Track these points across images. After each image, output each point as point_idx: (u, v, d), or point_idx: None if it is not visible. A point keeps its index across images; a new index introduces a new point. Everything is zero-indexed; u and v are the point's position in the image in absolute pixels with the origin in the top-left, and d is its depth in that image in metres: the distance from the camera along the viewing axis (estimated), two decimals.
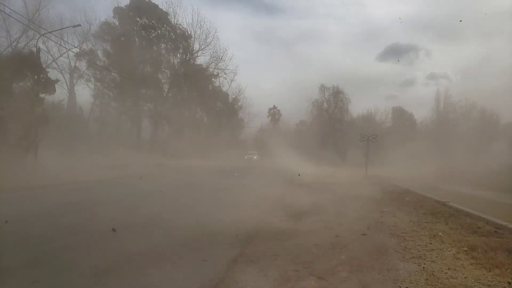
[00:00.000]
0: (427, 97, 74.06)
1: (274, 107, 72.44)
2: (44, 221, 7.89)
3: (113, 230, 7.02)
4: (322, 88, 54.63)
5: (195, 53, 51.14)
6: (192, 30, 49.67)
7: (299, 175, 20.48)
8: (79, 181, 17.06)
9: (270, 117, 73.55)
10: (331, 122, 53.66)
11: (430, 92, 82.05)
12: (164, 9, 48.47)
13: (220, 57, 50.97)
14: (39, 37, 27.86)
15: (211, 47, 50.10)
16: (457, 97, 51.41)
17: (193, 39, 50.11)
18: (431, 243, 6.20)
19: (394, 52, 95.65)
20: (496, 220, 7.50)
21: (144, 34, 47.66)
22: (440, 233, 6.82)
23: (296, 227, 7.46)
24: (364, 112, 57.37)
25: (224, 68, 51.96)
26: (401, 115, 57.11)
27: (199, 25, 49.06)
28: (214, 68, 52.58)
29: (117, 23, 47.07)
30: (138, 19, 48.20)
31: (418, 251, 5.80)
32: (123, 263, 5.20)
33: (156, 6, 47.77)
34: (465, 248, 5.86)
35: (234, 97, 58.87)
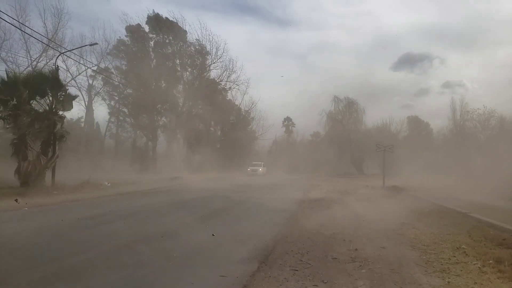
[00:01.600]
0: (443, 106, 72.84)
1: (288, 119, 72.40)
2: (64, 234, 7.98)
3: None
4: (336, 99, 54.59)
5: (207, 67, 51.87)
6: (205, 45, 50.52)
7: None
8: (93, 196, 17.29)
9: (284, 129, 73.46)
10: (346, 133, 53.26)
11: (446, 100, 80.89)
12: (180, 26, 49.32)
13: (231, 69, 51.57)
14: (58, 56, 28.68)
15: (222, 60, 50.77)
16: (474, 105, 50.35)
17: (209, 53, 50.91)
18: (454, 256, 6.00)
19: (408, 61, 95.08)
20: None
21: (159, 50, 48.65)
22: (463, 246, 6.60)
23: (313, 241, 7.34)
24: (379, 122, 56.73)
25: (235, 80, 52.48)
26: (417, 124, 56.30)
27: (208, 39, 49.85)
28: (226, 81, 53.14)
29: (130, 41, 48.22)
30: (153, 35, 49.26)
31: (442, 264, 5.62)
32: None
33: (172, 22, 48.65)
34: (491, 261, 5.65)
35: (247, 109, 59.16)
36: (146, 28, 48.52)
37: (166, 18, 48.84)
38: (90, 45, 36.06)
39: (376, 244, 6.97)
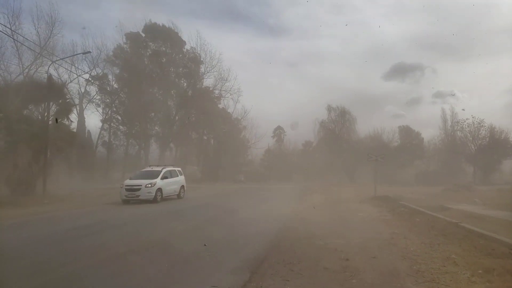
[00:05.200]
0: (434, 116, 73.84)
1: (279, 127, 72.34)
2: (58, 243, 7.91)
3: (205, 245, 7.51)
4: (329, 108, 54.83)
5: (201, 75, 51.97)
6: (198, 54, 50.70)
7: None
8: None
9: (275, 138, 73.39)
10: (338, 142, 53.49)
11: (437, 110, 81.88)
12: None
13: (225, 78, 51.71)
14: (50, 64, 28.56)
15: (216, 69, 50.90)
16: (464, 115, 50.89)
17: (203, 63, 51.03)
18: (444, 266, 6.06)
19: (400, 71, 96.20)
20: (510, 241, 7.32)
21: (155, 58, 48.65)
22: (453, 255, 6.67)
23: (305, 251, 7.35)
24: (371, 131, 57.09)
25: (229, 89, 52.55)
26: (408, 134, 56.66)
27: (203, 48, 50.05)
28: (220, 90, 53.22)
29: (128, 48, 48.14)
30: (151, 43, 49.25)
31: (432, 274, 5.67)
32: None
33: (170, 30, 48.72)
34: (480, 271, 5.71)
35: (239, 118, 59.17)
36: (144, 36, 48.53)
37: (163, 25, 48.90)
38: (83, 53, 36.02)
39: (367, 254, 7.01)
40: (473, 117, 46.68)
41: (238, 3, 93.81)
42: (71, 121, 24.38)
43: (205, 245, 7.85)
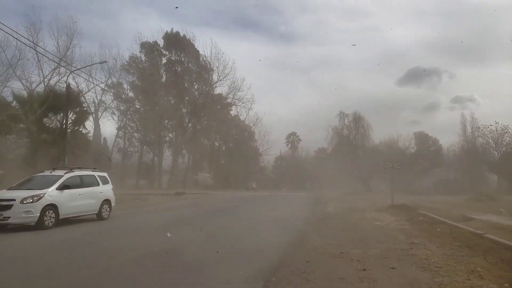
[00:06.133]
0: (453, 121, 72.18)
1: (293, 133, 71.84)
2: None
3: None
4: (342, 114, 54.29)
5: (214, 84, 52.33)
6: (211, 62, 51.15)
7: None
8: None
9: (289, 144, 72.87)
10: (353, 149, 52.68)
11: (456, 116, 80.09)
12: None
13: (238, 88, 51.87)
14: (68, 74, 29.26)
15: (229, 77, 51.19)
16: (485, 120, 49.04)
17: (213, 71, 51.46)
18: (469, 279, 5.71)
19: (416, 76, 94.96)
20: None
21: (170, 67, 49.38)
22: (478, 268, 6.30)
23: (320, 260, 7.10)
24: (386, 138, 56.09)
25: (242, 98, 52.69)
26: (425, 140, 55.55)
27: (217, 57, 50.46)
28: (232, 98, 53.44)
29: (143, 58, 49.01)
30: (166, 52, 50.01)
31: (455, 287, 5.35)
32: None
33: (186, 39, 49.36)
34: (507, 285, 5.38)
35: (251, 125, 59.18)
36: (161, 45, 49.30)
37: (184, 35, 49.58)
38: (100, 63, 36.94)
39: (385, 264, 6.71)
40: (496, 123, 45.05)
41: (250, 12, 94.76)
42: (87, 130, 24.92)
43: (218, 252, 7.70)
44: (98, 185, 13.70)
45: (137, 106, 49.53)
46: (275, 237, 9.95)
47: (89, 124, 42.64)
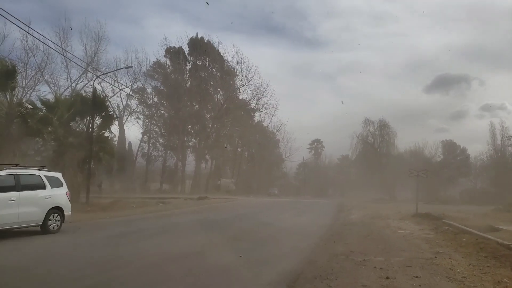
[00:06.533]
0: (482, 130, 70.16)
1: (317, 140, 71.43)
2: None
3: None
4: (367, 121, 53.54)
5: (237, 89, 52.70)
6: (234, 68, 51.58)
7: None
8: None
9: (312, 151, 72.54)
10: (377, 157, 51.82)
11: (485, 124, 77.46)
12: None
13: (262, 93, 52.04)
14: (95, 79, 30.21)
15: (252, 83, 51.40)
16: None
17: (239, 76, 51.80)
18: None
19: (444, 83, 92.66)
20: None
21: (195, 73, 50.02)
22: (505, 279, 6.18)
23: (342, 267, 7.12)
24: (412, 146, 54.98)
25: (265, 103, 52.81)
26: (452, 149, 54.14)
27: (240, 62, 50.80)
28: (256, 104, 53.64)
29: (168, 63, 49.83)
30: (191, 58, 50.71)
31: None
32: None
33: (212, 46, 49.92)
34: None
35: (275, 131, 59.18)
36: (186, 51, 49.98)
37: (208, 41, 50.08)
38: (126, 68, 37.96)
39: (409, 273, 6.67)
40: None
41: (275, 17, 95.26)
42: (113, 134, 25.57)
43: (240, 256, 7.83)
44: (45, 188, 10.75)
45: (162, 112, 50.39)
46: (297, 243, 10.00)
47: (114, 128, 43.94)
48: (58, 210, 10.98)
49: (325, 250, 8.99)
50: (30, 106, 20.52)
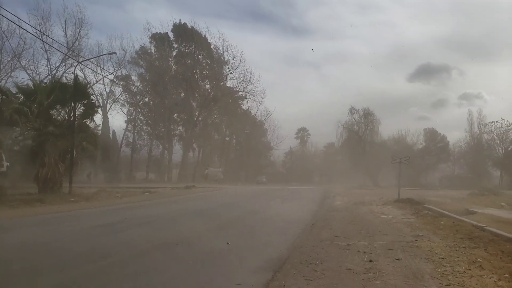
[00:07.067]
0: (460, 118, 71.96)
1: (303, 129, 71.98)
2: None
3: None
4: (352, 110, 54.10)
5: (224, 76, 52.26)
6: (222, 54, 51.01)
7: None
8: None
9: (299, 139, 73.07)
10: (361, 144, 52.62)
11: (463, 112, 79.61)
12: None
13: (248, 80, 51.80)
14: (76, 65, 29.47)
15: (238, 70, 51.03)
16: (492, 118, 49.42)
17: (226, 63, 51.23)
18: (470, 269, 5.94)
19: (426, 72, 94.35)
20: None
21: (180, 59, 49.18)
22: (479, 259, 6.53)
23: (327, 252, 7.36)
24: (395, 133, 56.08)
25: (252, 90, 52.64)
26: (433, 136, 55.39)
27: (226, 49, 50.26)
28: (243, 92, 53.41)
29: (153, 49, 48.74)
30: (176, 45, 49.73)
31: (457, 277, 5.58)
32: None
33: (196, 31, 49.01)
34: (507, 275, 5.59)
35: (262, 119, 59.20)
36: (171, 37, 48.90)
37: (192, 27, 49.15)
38: (109, 54, 37.02)
39: (391, 255, 6.96)
40: (502, 120, 45.32)
41: (261, 4, 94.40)
42: (95, 123, 24.96)
43: (228, 243, 7.98)
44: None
45: (147, 100, 49.56)
46: (284, 230, 10.23)
47: (98, 116, 43.03)
48: None
49: (311, 236, 9.24)
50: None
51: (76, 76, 22.97)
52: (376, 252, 7.23)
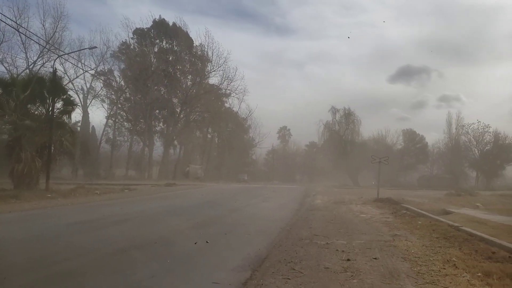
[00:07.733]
0: (439, 119, 73.78)
1: (284, 128, 72.46)
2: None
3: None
4: (333, 109, 54.70)
5: (207, 74, 51.94)
6: (204, 52, 50.68)
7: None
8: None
9: (280, 138, 73.47)
10: (342, 144, 53.27)
11: (442, 114, 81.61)
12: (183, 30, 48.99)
13: (231, 78, 51.65)
14: (56, 59, 28.73)
15: (222, 68, 50.81)
16: (469, 119, 50.80)
17: (210, 61, 50.87)
18: (444, 268, 6.08)
19: (406, 74, 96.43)
20: (511, 245, 7.34)
21: (162, 55, 48.62)
22: (453, 258, 6.69)
23: (306, 250, 7.40)
24: (375, 134, 57.10)
25: (235, 89, 52.52)
26: (412, 137, 56.65)
27: (210, 46, 49.98)
28: (226, 89, 53.23)
29: (135, 45, 48.05)
30: (158, 40, 49.14)
31: (432, 276, 5.70)
32: None
33: (178, 27, 48.60)
34: (480, 274, 5.73)
35: (244, 117, 59.17)
36: (152, 33, 48.35)
37: (174, 23, 48.68)
38: (90, 48, 36.30)
39: (368, 254, 7.05)
40: (478, 122, 46.68)
41: (245, 2, 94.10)
42: (71, 120, 24.29)
43: (207, 242, 7.92)
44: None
45: (128, 95, 48.83)
46: (264, 228, 10.24)
47: (78, 112, 42.12)
48: None
49: (290, 235, 9.27)
50: None
51: (55, 70, 22.37)
52: (354, 251, 7.32)
